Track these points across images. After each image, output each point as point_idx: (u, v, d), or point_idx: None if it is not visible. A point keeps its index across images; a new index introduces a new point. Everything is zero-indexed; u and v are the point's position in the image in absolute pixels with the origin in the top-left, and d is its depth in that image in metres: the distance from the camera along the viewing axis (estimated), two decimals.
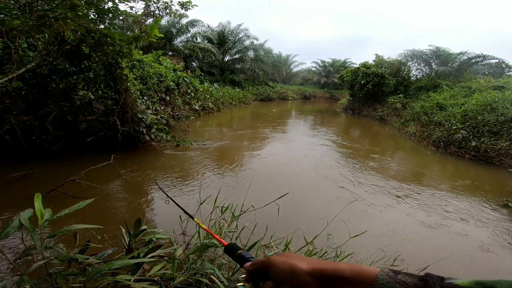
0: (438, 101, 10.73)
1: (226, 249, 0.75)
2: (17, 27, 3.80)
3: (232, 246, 0.74)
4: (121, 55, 5.20)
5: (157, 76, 8.61)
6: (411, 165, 6.80)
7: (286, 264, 0.53)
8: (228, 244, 0.75)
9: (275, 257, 0.56)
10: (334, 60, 36.20)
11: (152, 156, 5.82)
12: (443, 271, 1.96)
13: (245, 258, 0.68)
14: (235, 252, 0.71)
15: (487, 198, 4.77)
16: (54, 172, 4.49)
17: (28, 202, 1.34)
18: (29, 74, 4.80)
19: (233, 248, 0.73)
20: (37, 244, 1.18)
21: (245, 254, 0.69)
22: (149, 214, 3.58)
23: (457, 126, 8.22)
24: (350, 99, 19.09)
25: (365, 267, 0.47)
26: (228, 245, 0.75)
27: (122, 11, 4.40)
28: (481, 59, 13.93)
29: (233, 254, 0.72)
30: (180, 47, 19.41)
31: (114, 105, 5.64)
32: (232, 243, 0.75)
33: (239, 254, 0.70)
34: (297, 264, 0.52)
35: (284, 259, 0.55)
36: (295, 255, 0.56)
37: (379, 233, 3.41)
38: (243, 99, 19.22)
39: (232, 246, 0.74)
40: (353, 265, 0.49)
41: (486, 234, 3.64)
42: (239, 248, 0.72)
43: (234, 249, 0.73)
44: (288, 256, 0.56)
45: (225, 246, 0.76)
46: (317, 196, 4.51)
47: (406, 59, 16.26)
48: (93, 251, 1.72)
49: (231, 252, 0.73)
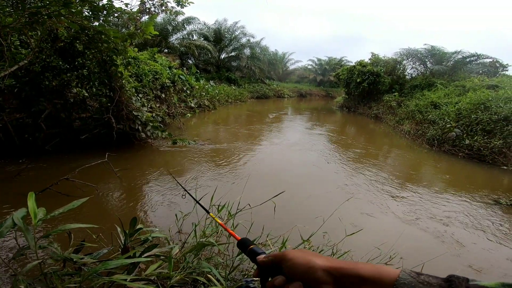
0: (432, 99, 10.81)
1: (239, 244, 0.74)
2: (10, 24, 3.73)
3: (245, 241, 0.73)
4: (116, 53, 5.15)
5: (152, 74, 8.53)
6: (406, 163, 6.86)
7: (303, 259, 0.53)
8: (241, 239, 0.75)
9: (292, 251, 0.56)
10: (330, 58, 36.23)
11: (148, 154, 5.78)
12: (438, 268, 1.98)
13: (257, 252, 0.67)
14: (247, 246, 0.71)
15: (479, 195, 4.83)
16: (48, 171, 4.44)
17: (22, 201, 1.32)
18: (21, 71, 4.73)
19: (246, 242, 0.73)
20: (31, 244, 1.17)
21: (257, 249, 0.68)
22: (145, 212, 3.56)
23: (451, 125, 8.30)
24: (346, 97, 19.15)
25: (386, 267, 0.47)
26: (242, 239, 0.75)
27: (117, 8, 4.34)
28: (476, 58, 14.07)
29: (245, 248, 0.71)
30: (176, 45, 19.26)
31: (109, 103, 5.59)
32: (245, 238, 0.75)
33: (251, 249, 0.69)
34: (314, 260, 0.52)
35: (301, 253, 0.54)
36: (311, 252, 0.56)
37: (374, 231, 3.44)
38: (239, 97, 19.18)
39: (245, 241, 0.73)
40: (373, 265, 0.48)
41: (479, 230, 3.69)
42: (252, 243, 0.72)
43: (247, 243, 0.72)
44: (304, 252, 0.55)
45: (238, 241, 0.75)
46: (313, 193, 4.52)
47: (401, 58, 16.36)
48: (88, 251, 1.71)
49: (244, 247, 0.72)
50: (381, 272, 0.46)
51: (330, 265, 0.50)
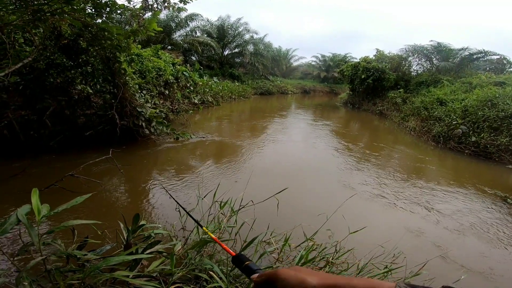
0: (438, 96, 10.69)
1: (234, 259, 0.74)
2: (13, 21, 3.74)
3: (240, 257, 0.73)
4: (119, 49, 5.15)
5: (156, 70, 8.52)
6: (411, 160, 6.80)
7: (296, 278, 0.51)
8: (236, 255, 0.75)
9: (284, 270, 0.54)
10: (335, 54, 35.96)
11: (152, 150, 5.80)
12: (441, 267, 1.96)
13: (252, 269, 0.67)
14: (242, 263, 0.71)
15: (486, 194, 4.78)
16: (53, 167, 4.47)
17: (26, 197, 1.33)
18: (26, 69, 4.76)
19: (240, 258, 0.72)
20: (34, 240, 1.17)
21: (253, 266, 0.68)
22: (148, 209, 3.58)
23: (457, 122, 8.21)
24: (350, 94, 19.02)
25: (381, 282, 0.46)
26: (236, 255, 0.75)
27: (120, 5, 4.33)
28: (483, 55, 13.88)
29: (241, 264, 0.71)
30: (179, 41, 19.24)
31: (113, 99, 5.60)
32: (240, 254, 0.75)
33: (247, 266, 0.69)
34: (307, 279, 0.50)
35: (294, 272, 0.53)
36: (304, 269, 0.54)
37: (378, 229, 3.42)
38: (242, 93, 19.14)
39: (240, 257, 0.73)
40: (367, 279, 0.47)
41: (485, 229, 3.65)
42: (247, 259, 0.71)
43: (242, 260, 0.72)
44: (297, 270, 0.54)
45: (233, 256, 0.75)
46: (316, 190, 4.51)
47: (407, 54, 16.20)
48: (91, 247, 1.72)
49: (239, 263, 0.72)
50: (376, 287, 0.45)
51: (323, 283, 0.49)
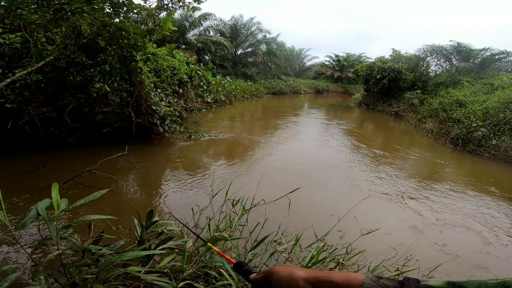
0: (458, 97, 10.33)
1: (235, 267, 0.86)
2: (35, 21, 3.88)
3: (240, 264, 0.85)
4: (136, 48, 5.26)
5: (170, 69, 8.66)
6: (427, 162, 6.61)
7: (286, 272, 0.63)
8: (236, 262, 0.87)
9: (278, 267, 0.67)
10: (349, 54, 35.35)
11: (165, 148, 5.90)
12: (453, 270, 1.90)
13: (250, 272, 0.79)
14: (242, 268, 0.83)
15: (506, 198, 4.59)
16: (71, 162, 4.62)
17: (45, 191, 1.38)
18: (47, 67, 4.93)
19: (240, 265, 0.85)
20: (53, 234, 1.22)
21: (251, 269, 0.80)
22: (162, 205, 3.64)
23: (477, 124, 7.91)
24: (365, 94, 18.66)
25: (354, 274, 0.56)
26: (237, 263, 0.86)
27: (136, 4, 4.43)
28: (505, 56, 13.31)
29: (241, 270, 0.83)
30: (193, 41, 19.43)
31: (129, 97, 5.74)
32: (240, 261, 0.87)
33: (246, 269, 0.81)
34: (296, 272, 0.62)
35: (285, 268, 0.65)
36: (294, 266, 0.66)
37: (392, 231, 3.35)
38: (255, 93, 19.15)
39: (240, 264, 0.85)
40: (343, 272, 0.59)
41: (501, 234, 3.51)
42: (246, 265, 0.84)
43: (241, 265, 0.84)
44: (288, 266, 0.65)
45: (234, 264, 0.87)
46: (328, 191, 4.46)
47: (424, 54, 15.71)
48: (106, 242, 1.76)
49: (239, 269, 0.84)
50: (350, 278, 0.55)
51: (308, 275, 0.60)
